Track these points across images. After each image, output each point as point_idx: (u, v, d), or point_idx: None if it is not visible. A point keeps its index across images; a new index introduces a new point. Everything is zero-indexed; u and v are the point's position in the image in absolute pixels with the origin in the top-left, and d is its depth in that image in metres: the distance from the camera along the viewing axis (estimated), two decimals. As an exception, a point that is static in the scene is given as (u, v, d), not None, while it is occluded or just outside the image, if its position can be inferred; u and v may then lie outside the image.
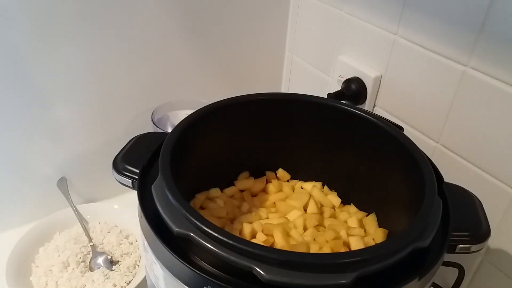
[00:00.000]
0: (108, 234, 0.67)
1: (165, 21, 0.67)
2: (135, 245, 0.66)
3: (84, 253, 0.64)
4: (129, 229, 0.68)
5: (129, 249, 0.64)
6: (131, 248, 0.65)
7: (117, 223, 0.69)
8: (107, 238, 0.66)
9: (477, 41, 0.48)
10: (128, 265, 0.62)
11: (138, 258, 0.64)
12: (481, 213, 0.41)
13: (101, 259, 0.63)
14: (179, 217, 0.35)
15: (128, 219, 0.68)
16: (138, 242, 0.66)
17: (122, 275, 0.61)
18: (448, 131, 0.54)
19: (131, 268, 0.62)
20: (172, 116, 0.71)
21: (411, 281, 0.34)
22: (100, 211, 0.70)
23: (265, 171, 0.56)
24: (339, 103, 0.51)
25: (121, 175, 0.44)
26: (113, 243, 0.65)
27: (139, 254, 0.64)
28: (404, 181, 0.45)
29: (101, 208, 0.71)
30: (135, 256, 0.64)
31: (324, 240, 0.46)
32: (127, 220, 0.68)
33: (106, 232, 0.67)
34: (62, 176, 0.70)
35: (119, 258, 0.64)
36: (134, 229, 0.68)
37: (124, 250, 0.64)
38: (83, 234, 0.67)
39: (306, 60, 0.77)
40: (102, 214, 0.70)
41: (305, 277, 0.31)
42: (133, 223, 0.67)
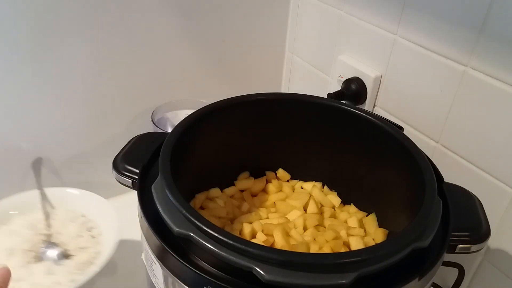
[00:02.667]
0: (70, 224, 0.59)
1: (165, 21, 0.67)
2: (97, 239, 0.58)
3: (35, 241, 0.56)
4: (96, 221, 0.60)
5: (88, 243, 0.57)
6: (91, 242, 0.57)
7: (86, 212, 0.61)
8: (68, 227, 0.58)
9: (477, 41, 0.48)
10: (81, 261, 0.54)
11: (96, 254, 0.55)
12: (481, 213, 0.41)
13: (52, 250, 0.55)
14: (179, 217, 0.35)
15: (101, 209, 0.60)
16: (103, 236, 0.58)
17: (69, 272, 0.53)
18: (448, 131, 0.54)
19: (83, 265, 0.54)
20: (172, 116, 0.71)
21: (411, 281, 0.34)
22: (72, 197, 0.62)
23: (265, 171, 0.56)
24: (339, 103, 0.51)
25: (121, 175, 0.44)
26: (71, 234, 0.57)
27: (98, 250, 0.56)
28: (404, 181, 0.45)
29: (74, 194, 0.62)
30: (92, 251, 0.56)
31: (324, 240, 0.46)
32: (99, 211, 0.60)
33: (68, 221, 0.59)
34: (39, 156, 0.66)
35: (73, 252, 0.55)
36: (103, 221, 0.60)
37: (81, 244, 0.56)
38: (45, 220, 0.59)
39: (306, 60, 0.77)
40: (72, 200, 0.62)
41: (305, 277, 0.31)
42: (103, 215, 0.60)
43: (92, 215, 0.61)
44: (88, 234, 0.58)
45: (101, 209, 0.60)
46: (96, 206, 0.61)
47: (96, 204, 0.61)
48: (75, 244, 0.56)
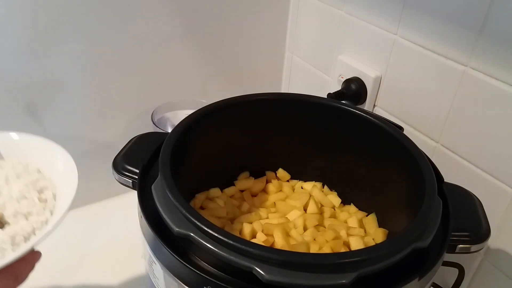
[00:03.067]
0: (15, 180, 0.44)
1: (165, 21, 0.67)
2: (45, 205, 0.44)
3: None
4: (53, 181, 0.46)
5: (32, 208, 0.42)
6: (36, 207, 0.43)
7: (43, 168, 0.46)
8: (11, 185, 0.44)
9: (477, 41, 0.48)
10: (16, 232, 0.40)
11: (41, 225, 0.42)
12: (481, 213, 0.41)
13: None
14: (179, 217, 0.35)
15: (64, 167, 0.45)
16: (57, 202, 0.44)
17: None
18: (448, 131, 0.54)
19: (19, 238, 0.39)
20: (172, 116, 0.71)
21: (411, 281, 0.34)
22: (30, 147, 0.47)
23: (265, 171, 0.56)
24: (339, 103, 0.51)
25: (121, 175, 0.44)
26: (13, 193, 0.43)
27: (45, 220, 0.42)
28: (404, 181, 0.45)
29: (33, 143, 0.48)
30: (36, 221, 0.42)
31: (324, 240, 0.46)
32: (60, 169, 0.46)
33: (14, 176, 0.44)
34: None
35: (10, 219, 0.41)
36: (61, 182, 0.45)
37: (23, 208, 0.42)
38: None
39: (306, 60, 0.77)
40: (30, 151, 0.47)
41: (305, 277, 0.31)
42: (64, 174, 0.45)
43: (49, 173, 0.46)
44: (35, 195, 0.44)
45: (63, 167, 0.46)
46: (59, 163, 0.46)
47: (59, 160, 0.47)
48: (15, 207, 0.42)
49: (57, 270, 0.62)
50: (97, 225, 0.70)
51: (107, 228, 0.70)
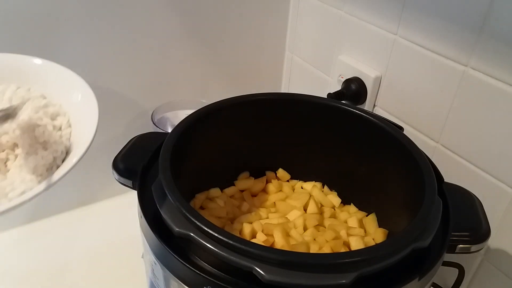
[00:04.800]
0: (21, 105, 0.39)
1: (165, 21, 0.67)
2: (61, 133, 0.39)
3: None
4: (63, 107, 0.41)
5: (48, 137, 0.38)
6: (53, 136, 0.39)
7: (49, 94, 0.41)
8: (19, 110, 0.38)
9: (477, 41, 0.48)
10: (38, 162, 0.36)
11: (61, 154, 0.37)
12: (481, 213, 0.41)
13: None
14: (179, 217, 0.35)
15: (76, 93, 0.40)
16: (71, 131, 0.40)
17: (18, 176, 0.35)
18: (448, 131, 0.54)
19: (41, 169, 0.36)
20: (172, 116, 0.71)
21: (411, 281, 0.34)
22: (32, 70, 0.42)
23: (265, 171, 0.56)
24: (339, 103, 0.51)
25: (121, 175, 0.44)
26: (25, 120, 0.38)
27: (64, 149, 0.38)
28: (404, 181, 0.45)
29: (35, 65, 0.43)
30: (55, 150, 0.37)
31: (324, 240, 0.46)
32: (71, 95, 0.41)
33: (19, 101, 0.40)
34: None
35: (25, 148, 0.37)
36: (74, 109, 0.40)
37: (39, 137, 0.38)
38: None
39: (306, 60, 0.77)
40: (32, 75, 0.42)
41: (305, 277, 0.31)
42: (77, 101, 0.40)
43: (58, 99, 0.41)
44: (50, 123, 0.39)
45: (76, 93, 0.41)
46: (69, 87, 0.42)
47: (69, 84, 0.42)
48: (27, 137, 0.38)
49: (57, 270, 0.62)
50: (97, 225, 0.70)
51: (107, 228, 0.70)
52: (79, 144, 0.37)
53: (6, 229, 0.68)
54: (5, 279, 0.60)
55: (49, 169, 0.37)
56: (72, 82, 0.42)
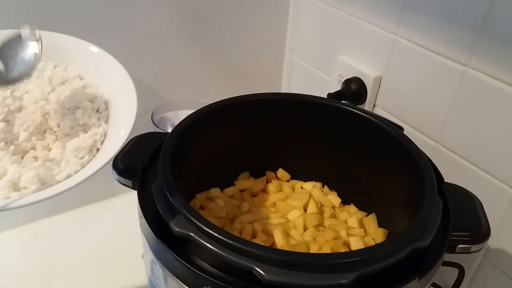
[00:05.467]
0: (61, 86, 0.39)
1: (165, 21, 0.67)
2: (99, 115, 0.40)
3: (10, 108, 0.37)
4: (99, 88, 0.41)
5: (88, 120, 0.39)
6: (92, 119, 0.39)
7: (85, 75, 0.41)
8: (57, 92, 0.39)
9: (477, 41, 0.48)
10: (79, 145, 0.37)
11: (100, 137, 0.38)
12: (481, 213, 0.41)
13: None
14: (179, 217, 0.35)
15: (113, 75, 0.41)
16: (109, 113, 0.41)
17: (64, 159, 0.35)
18: (448, 131, 0.54)
19: (83, 151, 0.37)
20: (172, 116, 0.71)
21: (411, 281, 0.34)
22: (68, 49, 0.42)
23: (265, 171, 0.56)
24: (339, 103, 0.51)
25: (121, 175, 0.44)
26: (65, 103, 0.38)
27: (103, 132, 0.39)
28: (404, 181, 0.45)
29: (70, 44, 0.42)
30: (96, 133, 0.38)
31: (324, 240, 0.46)
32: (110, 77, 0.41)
33: (58, 82, 0.40)
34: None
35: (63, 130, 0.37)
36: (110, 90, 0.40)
37: (79, 119, 0.38)
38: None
39: (306, 60, 0.77)
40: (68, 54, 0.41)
41: (305, 277, 0.31)
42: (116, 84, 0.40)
43: (94, 80, 0.41)
44: (89, 106, 0.40)
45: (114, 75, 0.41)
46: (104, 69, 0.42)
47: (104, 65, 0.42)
48: (68, 119, 0.38)
49: (57, 270, 0.62)
50: (97, 225, 0.70)
51: (107, 228, 0.70)
52: (121, 126, 0.37)
53: (6, 229, 0.68)
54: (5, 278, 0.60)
55: (89, 152, 0.37)
56: (107, 64, 0.42)
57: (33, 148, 0.36)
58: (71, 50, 0.42)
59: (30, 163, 0.34)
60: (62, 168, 0.34)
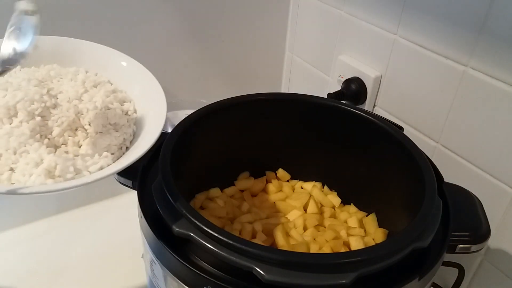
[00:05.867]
0: (93, 89, 0.42)
1: (165, 21, 0.67)
2: (129, 117, 0.42)
3: (46, 104, 0.39)
4: (128, 94, 0.44)
5: (118, 120, 0.41)
6: (122, 120, 0.41)
7: (115, 80, 0.45)
8: (90, 93, 0.42)
9: (477, 41, 0.48)
10: (111, 142, 0.39)
11: (130, 137, 0.41)
12: (481, 213, 0.41)
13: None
14: (179, 217, 0.35)
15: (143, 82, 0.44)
16: (137, 116, 0.43)
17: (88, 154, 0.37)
18: (448, 131, 0.54)
19: (114, 148, 0.39)
20: (172, 116, 0.71)
21: (411, 281, 0.34)
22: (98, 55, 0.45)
23: (265, 171, 0.56)
24: (339, 103, 0.51)
25: (121, 175, 0.44)
26: (97, 102, 0.41)
27: (132, 132, 0.41)
28: (404, 181, 0.45)
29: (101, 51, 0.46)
30: (126, 132, 0.41)
31: (324, 240, 0.46)
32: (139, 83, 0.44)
33: (91, 84, 0.43)
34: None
35: (98, 128, 0.40)
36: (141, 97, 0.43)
37: (111, 119, 0.41)
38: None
39: (306, 60, 0.77)
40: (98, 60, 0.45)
41: (305, 277, 0.31)
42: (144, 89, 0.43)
43: (123, 86, 0.44)
44: (119, 107, 0.42)
45: (143, 82, 0.44)
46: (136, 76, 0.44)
47: (136, 73, 0.45)
48: (100, 118, 0.40)
49: (57, 270, 0.62)
50: (97, 225, 0.70)
51: (107, 228, 0.70)
52: (151, 128, 0.40)
53: (6, 229, 0.68)
54: (5, 279, 0.60)
55: (119, 149, 0.40)
56: (135, 71, 0.45)
57: (64, 144, 0.38)
58: (99, 57, 0.46)
59: (64, 155, 0.37)
60: (95, 160, 0.37)
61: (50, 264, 0.63)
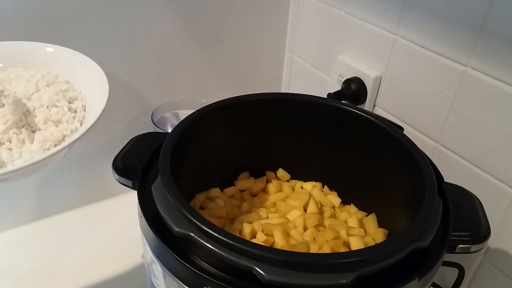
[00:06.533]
0: (46, 88, 0.45)
1: (165, 21, 0.67)
2: (75, 115, 0.44)
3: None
4: (82, 93, 0.46)
5: (62, 117, 0.43)
6: (66, 116, 0.43)
7: (72, 80, 0.47)
8: (41, 92, 0.44)
9: (477, 41, 0.48)
10: (46, 138, 0.40)
11: (70, 133, 0.42)
12: (481, 213, 0.41)
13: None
14: (179, 217, 0.35)
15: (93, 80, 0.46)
16: (84, 114, 0.45)
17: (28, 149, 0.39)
18: (448, 131, 0.54)
19: (49, 143, 0.40)
20: (172, 116, 0.71)
21: (411, 281, 0.34)
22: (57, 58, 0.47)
23: (265, 171, 0.56)
24: (339, 103, 0.51)
25: (121, 175, 0.44)
26: (44, 101, 0.43)
27: (74, 129, 0.43)
28: (404, 181, 0.45)
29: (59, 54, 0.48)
30: (66, 129, 0.42)
31: (324, 240, 0.46)
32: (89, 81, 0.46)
33: (44, 84, 0.45)
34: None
35: (40, 125, 0.41)
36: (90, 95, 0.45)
37: (53, 116, 0.42)
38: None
39: (306, 60, 0.77)
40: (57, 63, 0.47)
41: (305, 277, 0.31)
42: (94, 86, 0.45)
43: (79, 85, 0.47)
44: (66, 105, 0.44)
45: (93, 80, 0.46)
46: (89, 76, 0.47)
47: (90, 73, 0.47)
48: (45, 114, 0.42)
49: (57, 270, 0.62)
50: (97, 225, 0.71)
51: (107, 228, 0.70)
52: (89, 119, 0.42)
53: (6, 229, 0.68)
54: (5, 279, 0.60)
55: (57, 145, 0.41)
56: (91, 70, 0.47)
57: (9, 141, 0.40)
58: (64, 58, 0.48)
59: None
60: (23, 155, 0.38)
61: (50, 264, 0.63)
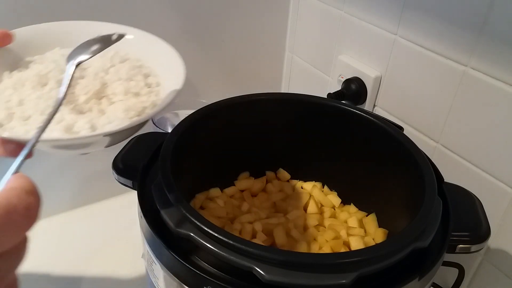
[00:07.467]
0: (120, 64, 0.47)
1: (165, 21, 0.67)
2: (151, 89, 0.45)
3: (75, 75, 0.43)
4: (155, 71, 0.48)
5: (140, 90, 0.44)
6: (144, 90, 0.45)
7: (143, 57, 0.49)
8: (116, 67, 0.46)
9: (477, 41, 0.48)
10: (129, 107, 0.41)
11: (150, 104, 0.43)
12: (481, 213, 0.41)
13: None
14: (179, 217, 0.35)
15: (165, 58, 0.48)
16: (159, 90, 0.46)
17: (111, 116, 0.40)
18: (448, 131, 0.54)
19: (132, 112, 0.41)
20: (172, 116, 0.71)
21: (411, 281, 0.34)
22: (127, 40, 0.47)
23: (265, 171, 0.56)
24: (339, 103, 0.51)
25: (121, 175, 0.44)
26: (121, 74, 0.45)
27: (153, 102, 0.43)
28: (404, 181, 0.45)
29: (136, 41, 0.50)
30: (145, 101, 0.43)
31: (324, 240, 0.46)
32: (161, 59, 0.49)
33: (118, 61, 0.47)
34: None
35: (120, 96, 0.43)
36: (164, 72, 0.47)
37: (132, 88, 0.44)
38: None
39: (306, 60, 0.77)
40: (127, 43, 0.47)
41: (305, 277, 0.31)
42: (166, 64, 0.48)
43: (151, 63, 0.49)
44: (142, 80, 0.46)
45: (164, 58, 0.49)
46: (159, 53, 0.49)
47: (159, 50, 0.49)
48: (123, 87, 0.44)
49: (57, 270, 0.62)
50: (97, 225, 0.70)
51: (107, 228, 0.70)
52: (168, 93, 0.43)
53: (6, 229, 0.68)
54: (5, 279, 0.60)
55: (138, 115, 0.42)
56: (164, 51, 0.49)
57: (89, 111, 0.41)
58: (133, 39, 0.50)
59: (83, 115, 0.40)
60: (111, 120, 0.39)
61: (50, 264, 0.63)
